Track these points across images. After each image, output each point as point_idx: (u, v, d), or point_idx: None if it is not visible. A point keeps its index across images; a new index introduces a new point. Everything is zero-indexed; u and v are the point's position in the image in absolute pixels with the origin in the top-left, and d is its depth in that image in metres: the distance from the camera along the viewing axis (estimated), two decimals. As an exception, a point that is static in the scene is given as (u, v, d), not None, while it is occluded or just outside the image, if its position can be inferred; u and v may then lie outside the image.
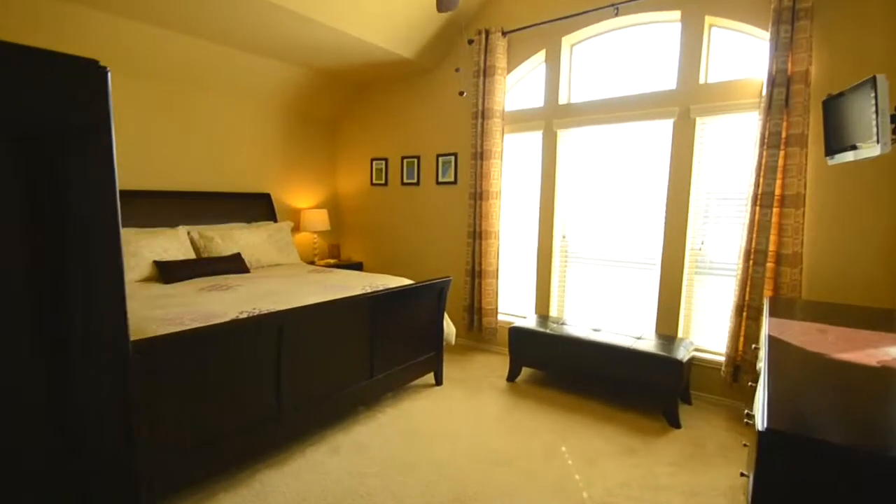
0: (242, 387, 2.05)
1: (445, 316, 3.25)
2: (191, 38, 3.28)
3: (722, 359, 2.89)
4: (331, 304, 2.36)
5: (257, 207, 4.23)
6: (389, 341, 2.79)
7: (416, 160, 4.38)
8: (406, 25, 3.53)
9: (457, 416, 2.76)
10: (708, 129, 2.95)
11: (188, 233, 3.47)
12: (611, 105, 3.27)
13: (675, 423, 2.66)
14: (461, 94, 3.23)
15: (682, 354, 2.70)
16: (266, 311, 2.26)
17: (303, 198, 4.76)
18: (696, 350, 3.03)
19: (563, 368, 3.10)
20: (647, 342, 2.89)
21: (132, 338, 1.85)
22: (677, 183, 3.03)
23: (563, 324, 3.30)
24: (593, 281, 3.55)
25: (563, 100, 3.54)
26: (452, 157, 4.12)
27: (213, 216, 3.84)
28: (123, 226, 3.21)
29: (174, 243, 3.24)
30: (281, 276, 3.27)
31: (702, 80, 2.93)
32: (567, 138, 3.56)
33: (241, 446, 2.07)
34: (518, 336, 3.26)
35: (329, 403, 2.46)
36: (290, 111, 4.54)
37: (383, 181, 4.65)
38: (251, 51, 3.60)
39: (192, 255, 3.33)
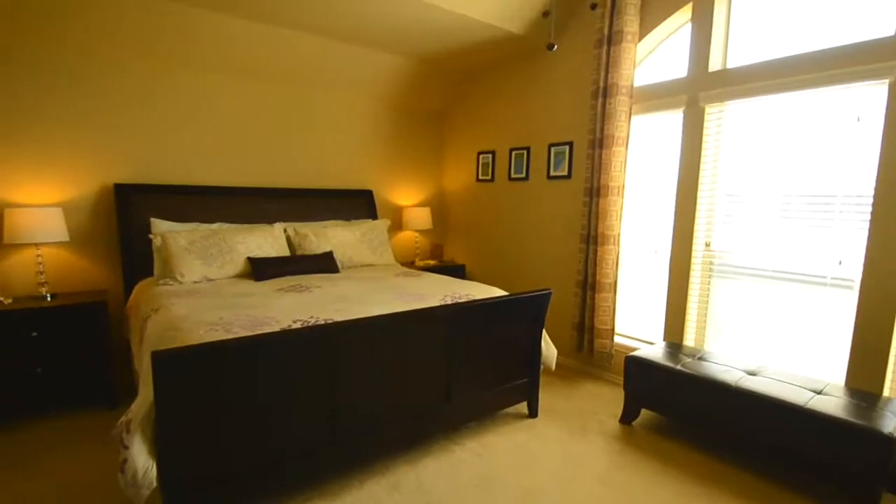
0: (290, 405, 1.82)
1: (544, 335, 2.71)
2: (290, 32, 3.23)
3: (976, 444, 1.85)
4: (396, 316, 2.03)
5: (358, 205, 4.15)
6: (472, 362, 2.37)
7: (525, 152, 3.87)
8: (514, -4, 3.04)
9: (548, 465, 2.23)
10: (963, 86, 1.92)
11: (284, 230, 3.48)
12: (788, 66, 2.37)
13: (882, 534, 1.76)
14: (550, 47, 2.55)
15: (893, 425, 1.78)
16: (322, 321, 2.02)
17: (407, 195, 4.59)
18: (925, 423, 2.01)
19: (697, 419, 2.34)
20: (834, 399, 1.99)
21: (179, 343, 1.76)
22: (894, 171, 2.04)
23: (701, 358, 2.52)
24: (749, 302, 2.66)
25: (714, 66, 2.70)
26: (566, 147, 3.52)
27: (313, 213, 3.83)
28: (223, 221, 3.30)
29: (269, 240, 3.24)
30: (364, 278, 3.07)
31: (954, 13, 1.91)
32: (718, 115, 2.72)
33: (290, 471, 1.86)
34: (638, 368, 2.58)
35: (395, 429, 2.14)
36: (395, 104, 4.38)
37: (489, 176, 4.23)
38: (351, 41, 3.46)
39: (286, 253, 3.31)
